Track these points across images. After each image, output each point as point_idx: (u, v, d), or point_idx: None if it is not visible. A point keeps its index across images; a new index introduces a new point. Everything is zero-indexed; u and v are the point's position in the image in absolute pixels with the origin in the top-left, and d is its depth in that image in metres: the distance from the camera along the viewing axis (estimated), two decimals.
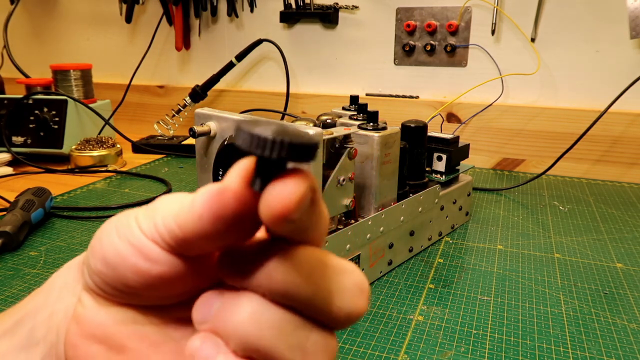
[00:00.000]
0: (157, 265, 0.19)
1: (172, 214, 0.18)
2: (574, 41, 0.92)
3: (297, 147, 0.16)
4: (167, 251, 0.19)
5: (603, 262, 0.58)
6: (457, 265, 0.57)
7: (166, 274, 0.19)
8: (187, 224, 0.17)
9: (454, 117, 1.00)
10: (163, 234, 0.18)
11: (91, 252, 0.20)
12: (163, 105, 1.23)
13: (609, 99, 0.85)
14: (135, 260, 0.19)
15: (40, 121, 0.95)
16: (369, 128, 0.52)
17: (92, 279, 0.20)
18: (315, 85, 1.11)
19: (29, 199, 0.65)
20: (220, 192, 0.17)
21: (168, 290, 0.20)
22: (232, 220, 0.17)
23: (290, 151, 0.16)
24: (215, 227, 0.17)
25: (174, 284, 0.19)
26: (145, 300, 0.20)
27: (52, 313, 0.21)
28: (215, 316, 0.18)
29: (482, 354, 0.41)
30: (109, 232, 0.19)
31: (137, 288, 0.19)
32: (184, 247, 0.18)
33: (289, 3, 1.07)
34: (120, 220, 0.20)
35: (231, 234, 0.17)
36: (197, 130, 0.52)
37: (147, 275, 0.19)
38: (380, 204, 0.53)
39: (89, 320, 0.20)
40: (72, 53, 1.35)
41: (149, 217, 0.19)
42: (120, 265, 0.19)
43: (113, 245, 0.19)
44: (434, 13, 0.98)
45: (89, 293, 0.20)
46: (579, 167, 0.93)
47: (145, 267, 0.19)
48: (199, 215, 0.17)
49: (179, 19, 1.15)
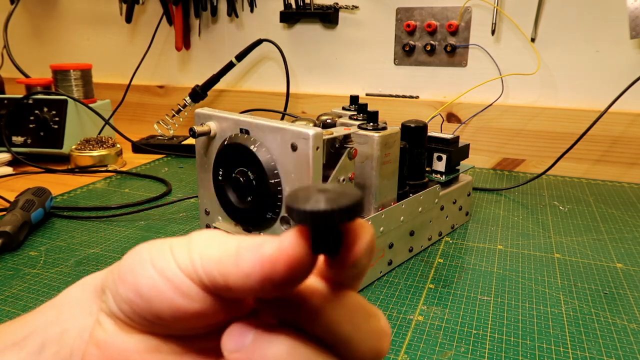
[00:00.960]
0: (194, 303, 0.19)
1: (214, 259, 0.18)
2: (574, 41, 0.92)
3: (350, 208, 0.16)
4: (204, 290, 0.19)
5: (603, 262, 0.58)
6: (457, 265, 0.57)
7: (203, 311, 0.19)
8: (231, 276, 0.17)
9: (454, 117, 1.00)
10: (201, 276, 0.18)
11: (121, 280, 0.19)
12: (163, 105, 1.23)
13: (609, 99, 0.85)
14: (172, 296, 0.18)
15: (40, 121, 0.95)
16: (369, 128, 0.52)
17: (119, 306, 0.19)
18: (315, 85, 1.11)
19: (29, 199, 0.65)
20: (272, 259, 0.17)
21: (197, 323, 0.19)
22: (282, 283, 0.17)
23: (346, 215, 0.16)
24: (263, 287, 0.17)
25: (205, 318, 0.19)
26: (172, 331, 0.20)
27: (65, 331, 0.21)
28: (251, 348, 0.18)
29: (482, 354, 0.41)
30: (143, 262, 0.19)
31: (169, 321, 0.19)
32: (222, 292, 0.18)
33: (289, 3, 1.07)
34: (155, 250, 0.19)
35: (278, 292, 0.18)
36: (197, 130, 0.52)
37: (183, 311, 0.19)
38: (380, 204, 0.53)
39: (110, 345, 0.20)
40: (72, 53, 1.35)
41: (186, 253, 0.19)
42: (155, 299, 0.19)
43: (149, 277, 0.19)
44: (434, 13, 0.98)
45: (112, 318, 0.20)
46: (579, 167, 0.93)
47: (181, 304, 0.18)
48: (245, 274, 0.17)
49: (179, 19, 1.15)
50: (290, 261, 0.17)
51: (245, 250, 0.17)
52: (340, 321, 0.18)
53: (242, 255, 0.17)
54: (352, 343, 0.18)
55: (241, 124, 0.50)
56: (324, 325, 0.18)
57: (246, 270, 0.17)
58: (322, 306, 0.18)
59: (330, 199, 0.16)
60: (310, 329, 0.18)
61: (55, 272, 0.54)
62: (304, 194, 0.17)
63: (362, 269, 0.19)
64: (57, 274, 0.54)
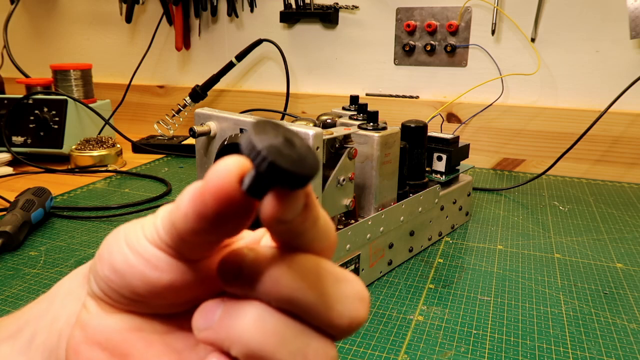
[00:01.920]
0: (165, 274, 0.19)
1: (167, 212, 0.19)
2: (574, 41, 0.92)
3: (287, 174, 0.15)
4: (171, 256, 0.19)
5: (603, 262, 0.58)
6: (457, 265, 0.57)
7: (173, 282, 0.19)
8: (177, 221, 0.18)
9: (454, 117, 1.00)
10: (162, 236, 0.19)
11: (99, 259, 0.20)
12: (163, 105, 1.23)
13: (609, 99, 0.85)
14: (143, 269, 0.19)
15: (40, 121, 0.95)
16: (369, 128, 0.52)
17: (99, 285, 0.20)
18: (315, 85, 1.11)
19: (29, 199, 0.65)
20: (200, 193, 0.17)
21: (174, 299, 0.20)
22: (215, 218, 0.17)
23: (278, 176, 0.15)
24: (201, 225, 0.17)
25: (180, 292, 0.20)
26: (151, 308, 0.20)
27: (54, 318, 0.21)
28: (219, 323, 0.18)
29: (482, 354, 0.41)
30: (118, 240, 0.20)
31: (145, 296, 0.19)
32: (181, 245, 0.19)
33: (289, 3, 1.07)
34: (129, 228, 0.20)
35: (220, 230, 0.18)
36: (197, 130, 0.52)
37: (155, 283, 0.19)
38: (380, 204, 0.53)
39: (94, 326, 0.20)
40: (72, 53, 1.35)
41: (152, 224, 0.19)
42: (128, 274, 0.19)
43: (122, 253, 0.19)
44: (434, 13, 0.98)
45: (95, 300, 0.20)
46: (579, 167, 0.93)
47: (152, 276, 0.19)
48: (184, 214, 0.17)
49: (179, 19, 1.15)
50: (217, 192, 0.16)
51: (184, 193, 0.18)
52: (303, 287, 0.18)
53: (181, 196, 0.18)
54: (321, 310, 0.18)
55: (241, 124, 0.50)
56: (287, 294, 0.17)
57: (184, 209, 0.17)
58: (281, 275, 0.18)
59: (274, 150, 0.15)
60: (275, 301, 0.18)
61: (55, 272, 0.54)
62: (269, 131, 0.16)
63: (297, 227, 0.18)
64: (57, 274, 0.54)
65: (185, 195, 0.17)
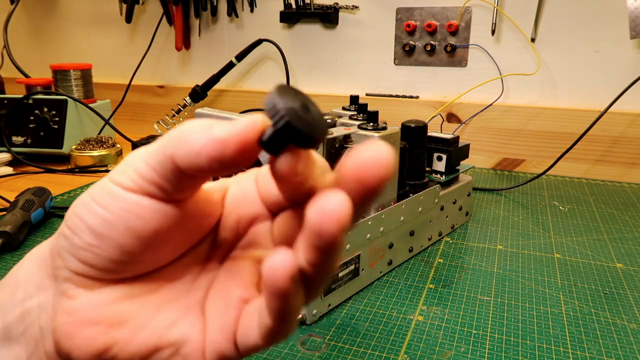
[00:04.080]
0: (150, 220, 0.19)
1: (156, 149, 0.19)
2: (574, 41, 0.92)
3: (300, 134, 0.17)
4: (154, 198, 0.19)
5: (603, 262, 0.58)
6: (457, 265, 0.57)
7: (160, 227, 0.19)
8: (180, 153, 0.18)
9: (454, 117, 1.00)
10: (148, 175, 0.19)
11: (72, 231, 0.19)
12: (163, 105, 1.23)
13: (609, 99, 0.85)
14: (127, 221, 0.19)
15: (40, 121, 0.95)
16: (369, 128, 0.52)
17: (79, 258, 0.19)
18: (315, 85, 1.11)
19: (29, 199, 0.65)
20: (224, 139, 0.18)
21: (161, 247, 0.20)
22: (227, 162, 0.18)
23: (293, 135, 0.17)
24: (210, 165, 0.18)
25: (166, 238, 0.20)
26: (140, 268, 0.20)
27: (25, 312, 0.21)
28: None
29: (482, 354, 0.41)
30: (87, 204, 0.19)
31: (132, 252, 0.19)
32: (173, 182, 0.19)
33: (289, 3, 1.07)
34: (94, 189, 0.20)
35: (222, 171, 0.19)
36: None
37: (142, 232, 0.19)
38: (380, 204, 0.53)
39: (82, 308, 0.20)
40: (72, 53, 1.35)
41: (126, 169, 0.19)
42: (114, 232, 0.19)
43: (97, 215, 0.19)
44: (434, 13, 0.98)
45: (74, 281, 0.20)
46: (579, 167, 0.93)
47: (139, 225, 0.19)
48: (195, 152, 0.18)
49: (179, 19, 1.15)
50: (241, 146, 0.18)
51: (196, 130, 0.18)
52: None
53: (192, 133, 0.18)
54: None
55: None
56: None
57: (197, 148, 0.18)
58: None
59: (305, 121, 0.17)
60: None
61: None
62: (290, 95, 0.18)
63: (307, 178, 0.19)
64: None
65: (200, 135, 0.18)
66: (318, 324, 0.45)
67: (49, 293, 0.21)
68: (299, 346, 0.42)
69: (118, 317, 0.20)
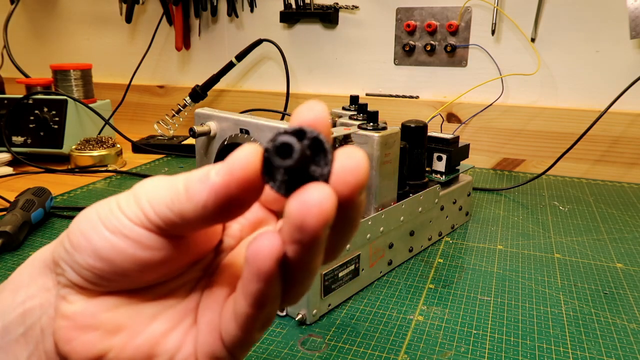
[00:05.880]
0: (156, 251, 0.19)
1: (165, 202, 0.19)
2: (574, 41, 0.92)
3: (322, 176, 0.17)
4: (159, 235, 0.19)
5: (603, 262, 0.58)
6: (457, 265, 0.57)
7: (166, 258, 0.20)
8: (186, 211, 0.18)
9: (454, 117, 1.00)
10: (155, 221, 0.19)
11: (75, 249, 0.19)
12: (163, 105, 1.23)
13: (609, 99, 0.85)
14: (134, 251, 0.19)
15: (40, 121, 0.95)
16: (369, 128, 0.52)
17: (80, 274, 0.19)
18: (315, 85, 1.11)
19: (29, 199, 0.65)
20: (226, 185, 0.17)
21: (160, 271, 0.20)
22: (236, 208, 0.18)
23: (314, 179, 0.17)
24: (222, 213, 0.18)
25: (170, 264, 0.20)
26: (138, 284, 0.20)
27: (26, 312, 0.21)
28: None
29: (482, 354, 0.41)
30: (94, 225, 0.19)
31: (134, 276, 0.19)
32: (180, 229, 0.19)
33: (289, 3, 1.07)
34: (102, 210, 0.20)
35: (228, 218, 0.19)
36: (197, 130, 0.52)
37: (147, 263, 0.19)
38: (380, 204, 0.53)
39: (80, 314, 0.20)
40: (72, 53, 1.35)
41: (134, 205, 0.19)
42: (118, 259, 0.19)
43: (104, 239, 0.19)
44: (434, 13, 0.98)
45: (73, 289, 0.20)
46: (579, 167, 0.93)
47: (144, 256, 0.19)
48: (202, 206, 0.18)
49: (179, 19, 1.15)
50: (242, 183, 0.17)
51: (194, 184, 0.18)
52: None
53: (192, 188, 0.18)
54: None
55: (241, 124, 0.50)
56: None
57: (201, 202, 0.18)
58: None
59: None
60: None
61: None
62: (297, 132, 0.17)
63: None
64: None
65: (200, 188, 0.18)
66: (318, 324, 0.45)
67: (52, 294, 0.21)
68: (299, 346, 0.42)
69: (115, 324, 0.20)
